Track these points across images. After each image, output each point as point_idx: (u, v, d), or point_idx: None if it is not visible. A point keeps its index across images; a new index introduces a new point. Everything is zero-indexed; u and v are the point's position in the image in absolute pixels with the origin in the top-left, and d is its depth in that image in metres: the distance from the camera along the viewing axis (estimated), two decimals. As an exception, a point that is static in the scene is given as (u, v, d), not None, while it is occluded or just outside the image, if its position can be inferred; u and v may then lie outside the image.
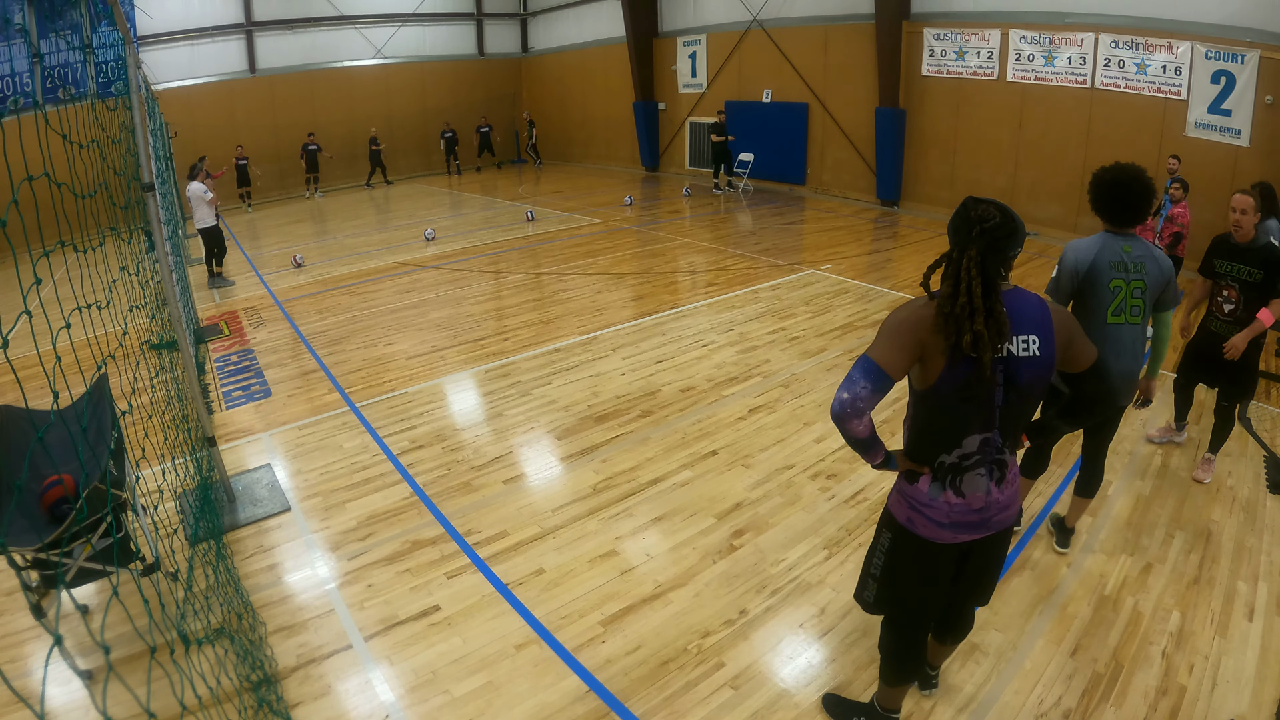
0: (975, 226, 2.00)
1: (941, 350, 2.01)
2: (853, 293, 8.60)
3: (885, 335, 2.08)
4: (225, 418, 5.82)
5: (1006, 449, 2.18)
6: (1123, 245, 3.16)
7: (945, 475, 2.17)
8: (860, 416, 2.07)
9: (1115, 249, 3.15)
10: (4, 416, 3.18)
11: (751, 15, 15.98)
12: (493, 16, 22.86)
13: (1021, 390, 2.08)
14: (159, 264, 3.99)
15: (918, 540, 2.26)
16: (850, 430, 2.10)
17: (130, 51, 3.94)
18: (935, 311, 2.02)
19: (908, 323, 2.05)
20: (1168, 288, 3.19)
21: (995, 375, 2.04)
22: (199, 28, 17.53)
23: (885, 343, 2.06)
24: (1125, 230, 3.20)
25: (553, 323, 7.82)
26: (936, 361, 2.03)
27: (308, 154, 18.40)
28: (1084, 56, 10.54)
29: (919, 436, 2.21)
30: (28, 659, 3.30)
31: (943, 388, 2.05)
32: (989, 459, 2.15)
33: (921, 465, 2.21)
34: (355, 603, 3.60)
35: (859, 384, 2.04)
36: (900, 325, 2.06)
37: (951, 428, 2.12)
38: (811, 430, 5.23)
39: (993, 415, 2.10)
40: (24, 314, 1.60)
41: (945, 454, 2.16)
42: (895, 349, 2.05)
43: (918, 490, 2.22)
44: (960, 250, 2.02)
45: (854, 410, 2.05)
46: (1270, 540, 3.90)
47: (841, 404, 2.06)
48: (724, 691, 3.01)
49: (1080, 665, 3.08)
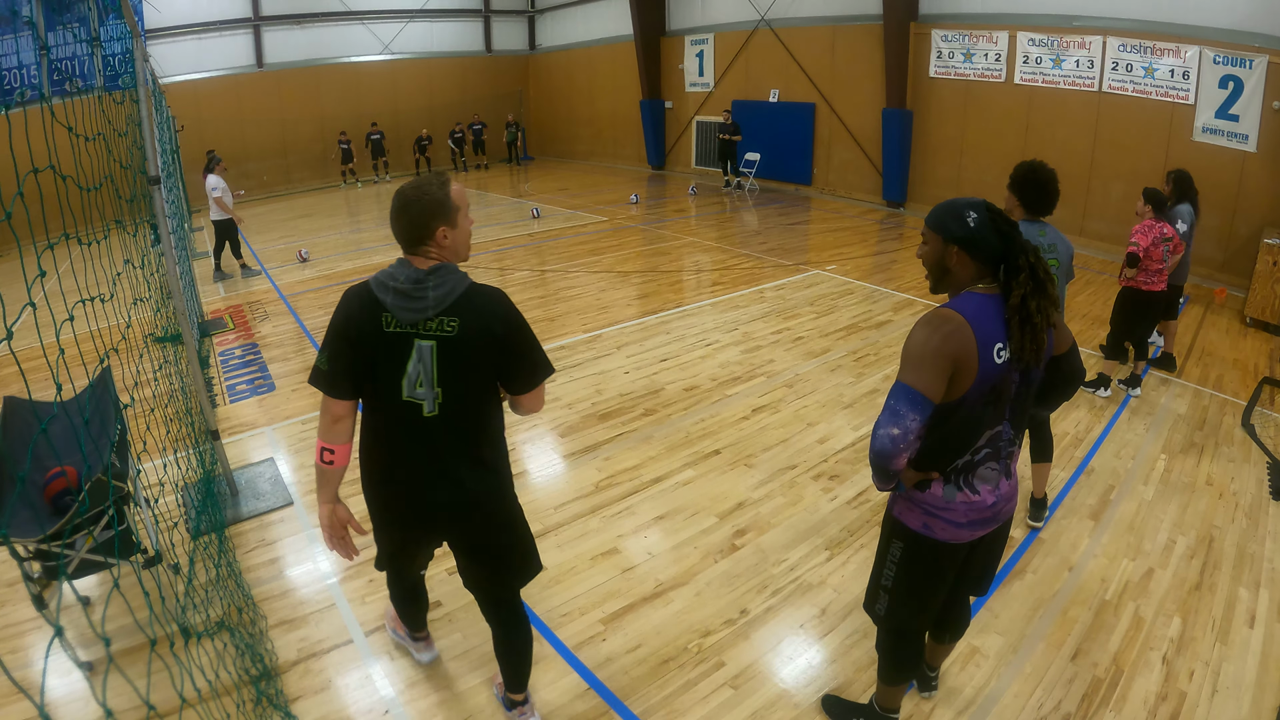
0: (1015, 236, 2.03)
1: (975, 362, 1.97)
2: (857, 294, 8.59)
3: (920, 360, 1.98)
4: (229, 411, 5.83)
5: (1015, 439, 2.18)
6: (1038, 230, 3.58)
7: (958, 476, 2.15)
8: (910, 451, 2.01)
9: (1033, 233, 3.54)
10: (8, 408, 3.19)
11: (759, 15, 15.96)
12: (500, 13, 22.88)
13: (1031, 382, 2.11)
14: (164, 257, 4.00)
15: (935, 545, 2.24)
16: (895, 466, 2.02)
17: (138, 45, 3.95)
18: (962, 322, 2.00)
19: (943, 344, 1.97)
20: (1070, 266, 3.70)
21: (1014, 373, 2.05)
22: (206, 22, 17.58)
23: (922, 368, 1.97)
24: (1039, 218, 3.61)
25: (557, 320, 7.82)
26: (969, 375, 1.99)
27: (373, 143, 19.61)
28: (1091, 60, 10.51)
29: (935, 447, 2.14)
30: (28, 650, 3.31)
31: (971, 398, 2.02)
32: (1000, 452, 2.15)
33: (931, 472, 2.18)
34: (356, 598, 3.61)
35: (907, 418, 1.95)
36: (935, 348, 1.97)
37: (973, 433, 2.10)
38: (815, 431, 5.23)
39: (1004, 409, 2.11)
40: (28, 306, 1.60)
41: (959, 459, 2.14)
42: (933, 372, 1.96)
43: (932, 495, 2.19)
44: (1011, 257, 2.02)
45: (906, 446, 1.97)
46: (1273, 547, 3.88)
47: (893, 440, 1.96)
48: (724, 691, 3.01)
49: (1080, 669, 3.07)
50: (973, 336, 1.97)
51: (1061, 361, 2.23)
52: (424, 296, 2.10)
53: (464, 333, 2.11)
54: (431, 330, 2.11)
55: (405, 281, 2.10)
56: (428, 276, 2.10)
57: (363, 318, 2.13)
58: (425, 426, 2.19)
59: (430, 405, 2.17)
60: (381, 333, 2.12)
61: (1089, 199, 10.94)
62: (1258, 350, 6.94)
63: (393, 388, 2.16)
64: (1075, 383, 2.30)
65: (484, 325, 2.13)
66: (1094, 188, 10.86)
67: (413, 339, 2.12)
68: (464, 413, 2.22)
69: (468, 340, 2.12)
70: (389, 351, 2.13)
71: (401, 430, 2.21)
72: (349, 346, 2.14)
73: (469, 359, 2.14)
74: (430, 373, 2.14)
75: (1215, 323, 7.80)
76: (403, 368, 2.14)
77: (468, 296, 2.13)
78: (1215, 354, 6.81)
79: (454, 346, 2.12)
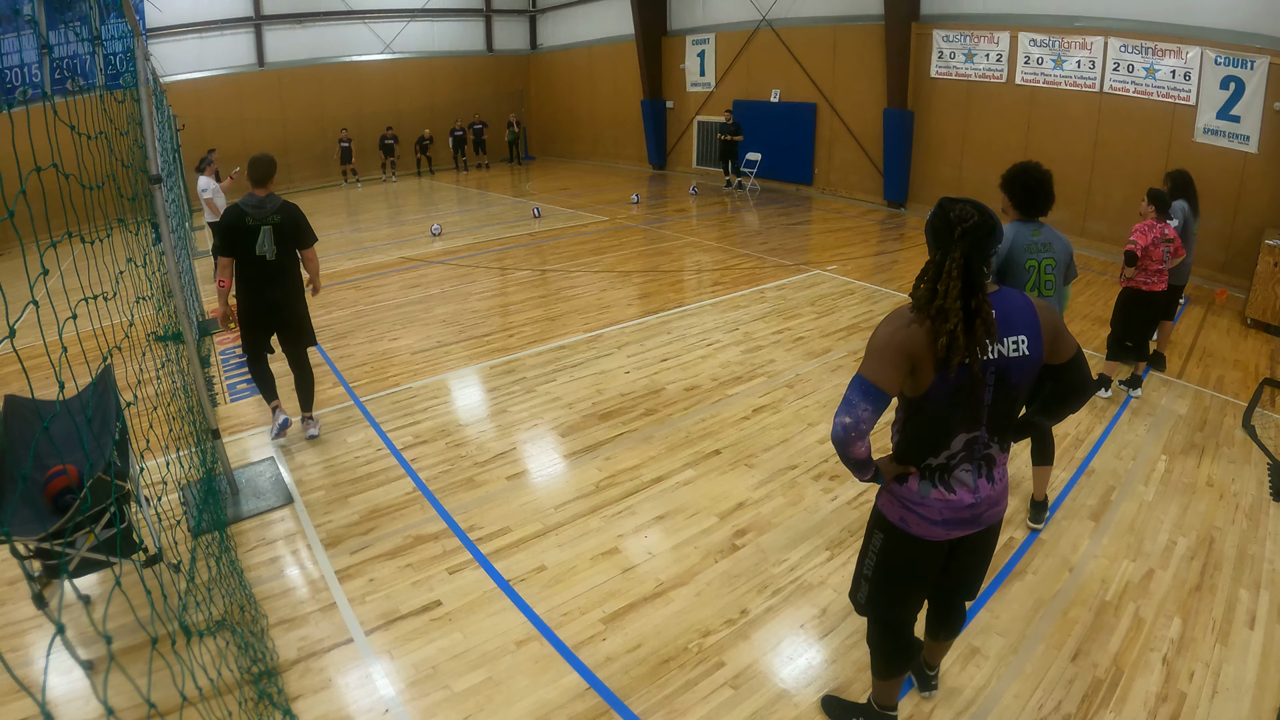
0: (956, 227, 1.98)
1: (932, 359, 1.99)
2: (858, 294, 8.59)
3: (875, 353, 2.06)
4: (229, 410, 5.83)
5: (995, 445, 2.17)
6: (1032, 230, 3.59)
7: (933, 474, 2.18)
8: (863, 439, 2.08)
9: (1026, 233, 3.58)
10: (9, 406, 3.19)
11: (760, 15, 15.96)
12: (502, 13, 22.88)
13: (1011, 389, 2.09)
14: (165, 256, 4.00)
15: (910, 539, 2.26)
16: (852, 453, 2.10)
17: (139, 44, 3.95)
18: (918, 320, 2.01)
19: (895, 337, 2.03)
20: (1070, 264, 3.69)
21: (987, 377, 2.04)
22: (207, 20, 17.59)
23: (876, 361, 2.05)
24: (1032, 218, 3.62)
25: (558, 320, 7.82)
26: (928, 370, 2.02)
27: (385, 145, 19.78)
28: (1093, 60, 10.50)
29: (908, 441, 2.21)
30: (30, 648, 3.31)
31: (935, 395, 2.05)
32: (976, 456, 2.16)
33: (908, 466, 2.22)
34: (357, 597, 3.61)
35: (859, 407, 2.04)
36: (889, 341, 2.04)
37: (940, 432, 2.12)
38: (815, 431, 5.23)
39: (980, 414, 2.10)
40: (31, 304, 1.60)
41: (933, 457, 2.16)
42: (888, 366, 2.03)
43: (908, 489, 2.22)
44: (943, 253, 2.00)
45: (857, 434, 2.06)
46: (1273, 548, 3.88)
47: (845, 428, 2.06)
48: (724, 691, 3.01)
49: (1081, 670, 3.07)
50: (928, 331, 1.99)
51: (1062, 372, 2.20)
52: (264, 207, 4.70)
53: (283, 222, 4.74)
54: (269, 221, 4.69)
55: (257, 202, 4.69)
56: (266, 200, 4.72)
57: (239, 220, 4.65)
58: (268, 266, 4.74)
59: (270, 255, 4.70)
60: (246, 225, 4.65)
61: (1090, 199, 10.93)
62: (1258, 351, 6.94)
63: (251, 249, 4.67)
64: (1080, 395, 2.27)
65: (291, 217, 4.78)
66: (1095, 188, 10.85)
67: (260, 226, 4.66)
68: (284, 261, 4.80)
69: (283, 225, 4.74)
70: (250, 233, 4.65)
71: (254, 268, 4.73)
72: (232, 232, 4.65)
73: (286, 233, 4.76)
74: (269, 241, 4.69)
75: (1216, 324, 7.79)
76: (256, 238, 4.65)
77: (284, 207, 4.78)
78: (1216, 355, 6.80)
79: (278, 228, 4.72)
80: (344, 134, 18.98)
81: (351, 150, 19.03)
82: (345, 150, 18.93)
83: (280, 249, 4.71)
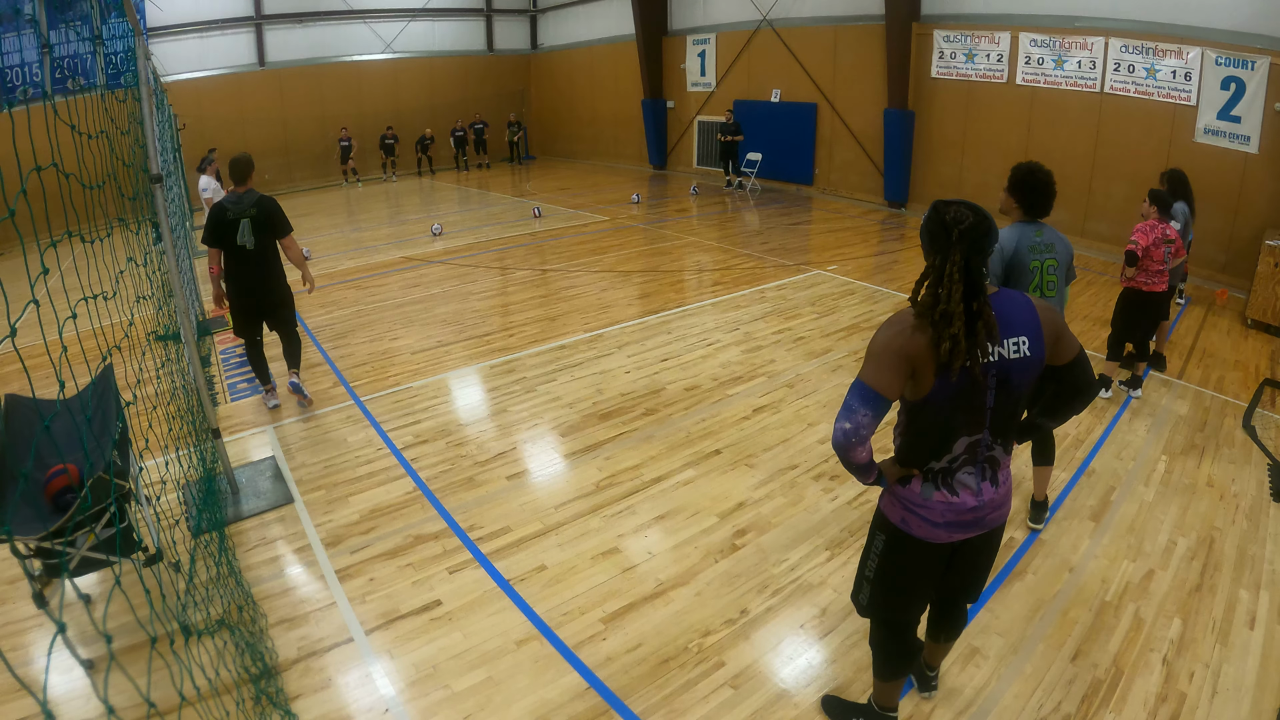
0: (953, 230, 1.97)
1: (932, 363, 1.99)
2: (859, 294, 8.59)
3: (875, 358, 2.05)
4: (230, 410, 5.84)
5: (998, 447, 2.17)
6: (1035, 231, 3.60)
7: (936, 477, 2.18)
8: (864, 444, 2.07)
9: (1030, 234, 3.59)
10: (9, 405, 3.19)
11: (761, 15, 15.95)
12: (502, 13, 22.88)
13: (1013, 391, 2.08)
14: (165, 255, 4.00)
15: (912, 541, 2.26)
16: (853, 458, 2.10)
17: (139, 43, 3.95)
18: (919, 324, 2.00)
19: (895, 342, 2.02)
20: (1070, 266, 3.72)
21: (988, 379, 2.04)
22: (208, 20, 17.59)
23: (876, 366, 2.03)
24: (1035, 219, 3.62)
25: (558, 319, 7.82)
26: (929, 375, 2.01)
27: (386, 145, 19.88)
28: (1094, 60, 10.50)
29: (910, 444, 2.20)
30: (30, 647, 3.32)
31: (936, 398, 2.04)
32: (979, 458, 2.15)
33: (910, 469, 2.21)
34: (357, 596, 3.61)
35: (859, 412, 2.03)
36: (888, 346, 2.02)
37: (942, 436, 2.12)
38: (815, 431, 5.23)
39: (983, 417, 2.09)
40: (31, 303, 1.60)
41: (935, 460, 2.16)
42: (888, 371, 2.02)
43: (911, 491, 2.22)
44: (942, 257, 1.99)
45: (858, 439, 2.05)
46: (1273, 549, 3.88)
47: (845, 434, 2.05)
48: (724, 691, 3.01)
49: (1080, 670, 3.07)
50: (929, 336, 1.98)
51: (1064, 372, 2.19)
52: (242, 201, 5.16)
53: (259, 214, 5.19)
54: (247, 214, 5.15)
55: (236, 198, 5.18)
56: (244, 195, 5.19)
57: (221, 214, 5.12)
58: (249, 255, 5.22)
59: (249, 244, 5.17)
60: (227, 219, 5.12)
61: (1090, 200, 10.93)
62: (1259, 352, 6.93)
63: (233, 239, 5.13)
64: (1083, 396, 2.26)
65: (266, 210, 5.23)
66: (1095, 188, 10.85)
67: (239, 219, 5.13)
68: (263, 249, 5.28)
69: (259, 217, 5.19)
70: (231, 225, 5.12)
71: (237, 257, 5.21)
72: (217, 225, 5.13)
73: (262, 224, 5.21)
74: (248, 232, 5.15)
75: (1216, 324, 7.79)
76: (236, 230, 5.12)
77: (260, 200, 5.23)
78: (1216, 355, 6.80)
79: (255, 220, 5.19)
80: (344, 133, 18.99)
81: (351, 149, 19.02)
82: (344, 149, 18.93)
83: (258, 239, 5.21)
